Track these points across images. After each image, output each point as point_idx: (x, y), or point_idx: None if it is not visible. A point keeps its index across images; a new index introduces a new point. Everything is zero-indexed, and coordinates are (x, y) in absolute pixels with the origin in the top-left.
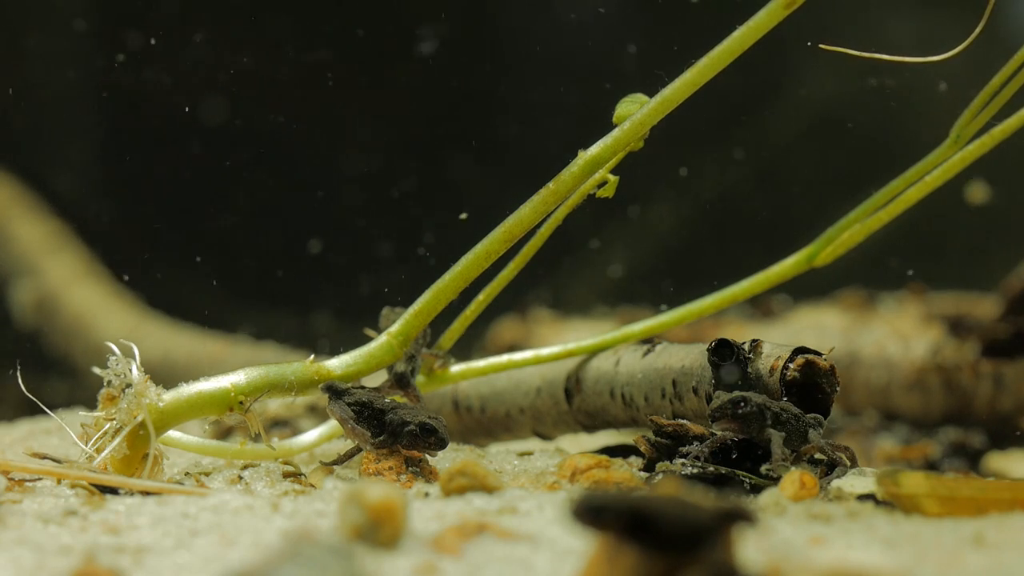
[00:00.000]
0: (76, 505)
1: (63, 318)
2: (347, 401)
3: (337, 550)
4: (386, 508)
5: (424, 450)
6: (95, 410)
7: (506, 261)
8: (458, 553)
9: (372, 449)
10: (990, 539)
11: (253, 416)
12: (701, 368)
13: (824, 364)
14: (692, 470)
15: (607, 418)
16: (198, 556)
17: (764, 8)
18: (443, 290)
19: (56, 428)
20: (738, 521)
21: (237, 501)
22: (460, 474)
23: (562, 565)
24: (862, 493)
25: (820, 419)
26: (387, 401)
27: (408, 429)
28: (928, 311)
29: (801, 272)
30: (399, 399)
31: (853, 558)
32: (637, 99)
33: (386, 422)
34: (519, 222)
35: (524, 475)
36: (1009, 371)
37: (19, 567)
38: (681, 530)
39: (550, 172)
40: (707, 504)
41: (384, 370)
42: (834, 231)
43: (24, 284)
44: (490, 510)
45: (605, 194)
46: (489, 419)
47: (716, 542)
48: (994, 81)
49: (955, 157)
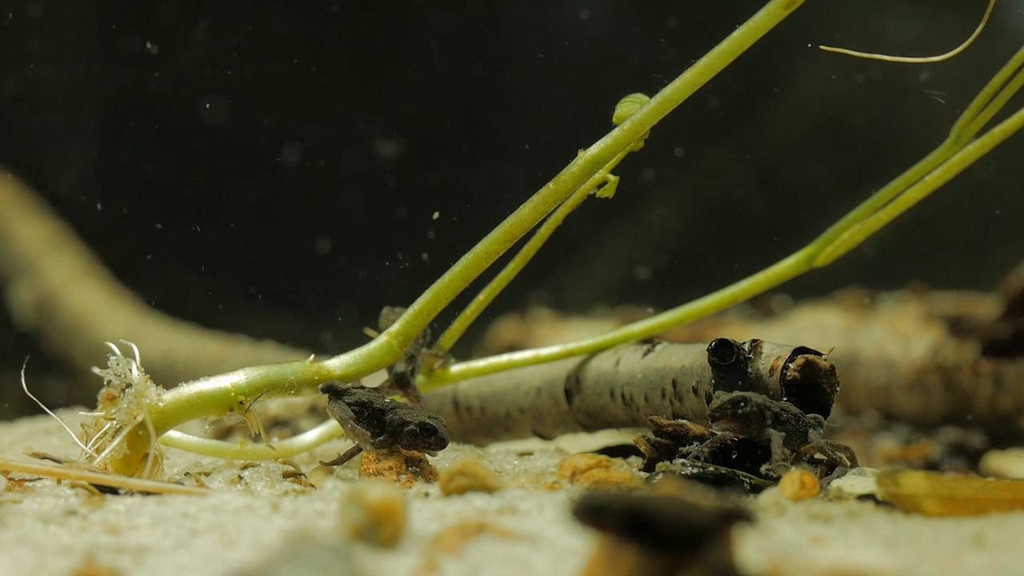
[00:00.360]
0: (76, 505)
1: (63, 318)
2: (347, 401)
3: (337, 550)
4: (386, 508)
5: (424, 450)
6: (95, 410)
7: (506, 261)
8: (458, 553)
9: (372, 449)
10: (990, 539)
11: (253, 416)
12: (701, 368)
13: (824, 364)
14: (692, 470)
15: (607, 418)
16: (198, 556)
17: (764, 8)
18: (443, 290)
19: (56, 428)
20: (738, 521)
21: (237, 501)
22: (460, 474)
23: (562, 565)
24: (862, 493)
25: (820, 419)
26: (387, 401)
27: (408, 429)
28: (928, 311)
29: (801, 272)
30: (399, 399)
31: (853, 558)
32: (637, 99)
33: (386, 422)
34: (519, 222)
35: (524, 475)
36: (1009, 371)
37: (19, 567)
38: (681, 530)
39: (550, 172)
40: (707, 504)
41: (384, 370)
42: (834, 231)
43: (24, 284)
44: (490, 510)
45: (605, 194)
46: (489, 419)
47: (716, 542)
48: (994, 81)
49: (955, 157)
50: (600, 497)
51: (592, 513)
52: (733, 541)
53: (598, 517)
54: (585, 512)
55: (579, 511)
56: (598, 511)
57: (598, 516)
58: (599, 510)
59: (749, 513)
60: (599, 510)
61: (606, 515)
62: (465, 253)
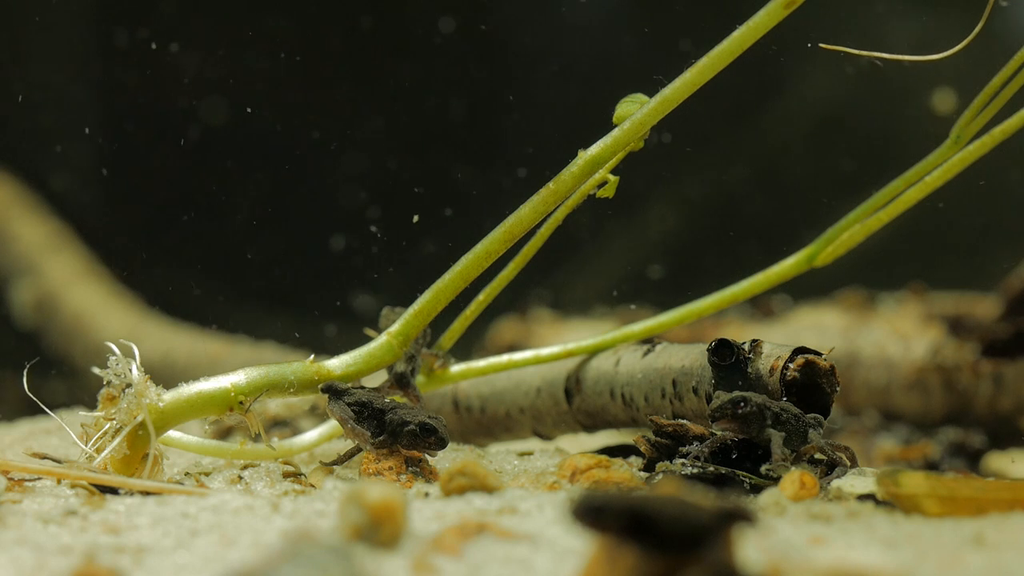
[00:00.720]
0: (76, 505)
1: (63, 318)
2: (347, 401)
3: (337, 550)
4: (386, 508)
5: (424, 450)
6: (95, 410)
7: (506, 261)
8: (458, 553)
9: (372, 449)
10: (990, 539)
11: (253, 416)
12: (701, 368)
13: (824, 364)
14: (692, 470)
15: (607, 418)
16: (198, 556)
17: (764, 8)
18: (443, 290)
19: (56, 428)
20: (738, 521)
21: (237, 501)
22: (460, 474)
23: (562, 565)
24: (862, 493)
25: (820, 419)
26: (387, 401)
27: (408, 429)
28: (928, 311)
29: (801, 272)
30: (399, 399)
31: (853, 558)
32: (637, 99)
33: (386, 422)
34: (519, 222)
35: (524, 475)
36: (1009, 371)
37: (19, 567)
38: (681, 530)
39: (550, 172)
40: (707, 504)
41: (384, 370)
42: (834, 231)
43: (24, 284)
44: (490, 510)
45: (605, 194)
46: (489, 419)
47: (716, 542)
48: (994, 81)
49: (955, 157)
50: (600, 497)
51: (592, 513)
52: (733, 541)
53: (598, 517)
54: (585, 512)
55: (579, 511)
56: (598, 511)
57: (598, 516)
58: (599, 510)
59: (749, 513)
60: (599, 510)
61: (606, 515)
62: (465, 253)
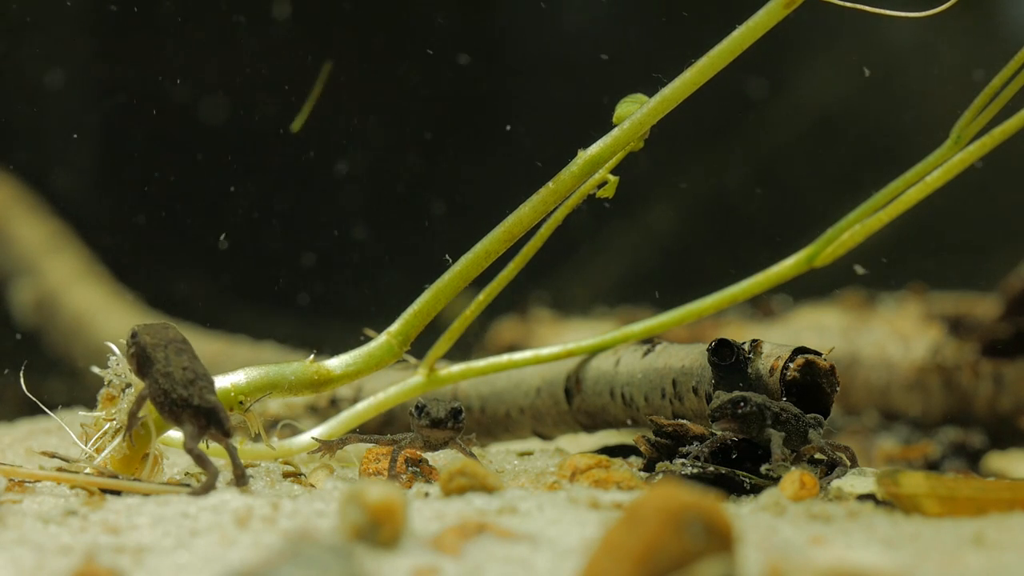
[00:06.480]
0: (76, 505)
1: (63, 318)
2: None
3: (337, 550)
4: (386, 508)
5: (453, 432)
6: (95, 410)
7: (506, 261)
8: (458, 553)
9: (421, 436)
10: (990, 539)
11: (253, 416)
12: (701, 368)
13: (824, 364)
14: (692, 470)
15: (607, 418)
16: (198, 556)
17: (763, 8)
18: (443, 290)
19: (56, 428)
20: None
21: (237, 501)
22: (460, 474)
23: (562, 565)
24: (862, 493)
25: (820, 419)
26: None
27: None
28: (928, 311)
29: (801, 272)
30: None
31: (853, 558)
32: (637, 99)
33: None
34: (519, 222)
35: (524, 475)
36: (1009, 371)
37: (19, 567)
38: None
39: (550, 172)
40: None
41: (383, 370)
42: (834, 231)
43: (24, 284)
44: (490, 510)
45: (605, 194)
46: (489, 419)
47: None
48: (994, 82)
49: (956, 158)
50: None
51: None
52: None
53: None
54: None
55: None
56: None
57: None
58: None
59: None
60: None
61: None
62: (465, 253)
